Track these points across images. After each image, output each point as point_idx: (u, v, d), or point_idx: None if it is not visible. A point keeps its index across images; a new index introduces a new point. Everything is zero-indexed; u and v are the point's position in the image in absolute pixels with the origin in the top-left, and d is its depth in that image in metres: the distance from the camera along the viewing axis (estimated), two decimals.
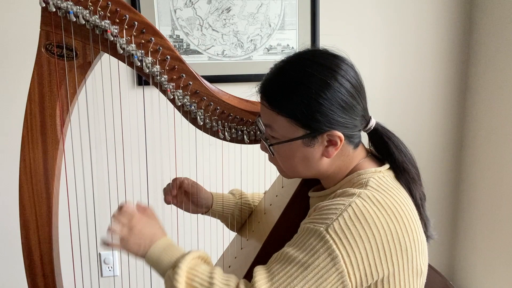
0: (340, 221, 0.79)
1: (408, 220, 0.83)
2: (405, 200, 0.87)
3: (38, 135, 0.96)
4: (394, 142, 0.94)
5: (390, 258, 0.80)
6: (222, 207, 1.23)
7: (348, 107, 0.85)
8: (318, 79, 0.84)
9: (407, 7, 2.09)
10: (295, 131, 0.87)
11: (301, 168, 0.92)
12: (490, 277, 2.13)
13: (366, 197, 0.82)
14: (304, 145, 0.88)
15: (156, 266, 0.91)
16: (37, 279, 1.03)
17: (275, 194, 1.18)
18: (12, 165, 1.16)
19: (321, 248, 0.78)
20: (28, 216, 0.99)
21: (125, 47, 0.94)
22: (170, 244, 0.93)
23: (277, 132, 0.89)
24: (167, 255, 0.90)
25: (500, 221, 2.03)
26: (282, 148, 0.90)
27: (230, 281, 0.83)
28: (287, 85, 0.86)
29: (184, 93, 0.99)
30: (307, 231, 0.82)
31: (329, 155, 0.88)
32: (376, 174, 0.89)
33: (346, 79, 0.85)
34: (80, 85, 0.96)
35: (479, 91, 2.13)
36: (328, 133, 0.86)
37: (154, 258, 0.90)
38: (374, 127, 0.93)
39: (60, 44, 0.93)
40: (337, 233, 0.78)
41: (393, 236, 0.80)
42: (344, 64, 0.87)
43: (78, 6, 0.91)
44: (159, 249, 0.91)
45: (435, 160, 2.23)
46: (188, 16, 1.95)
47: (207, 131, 1.04)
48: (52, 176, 0.98)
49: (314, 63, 0.86)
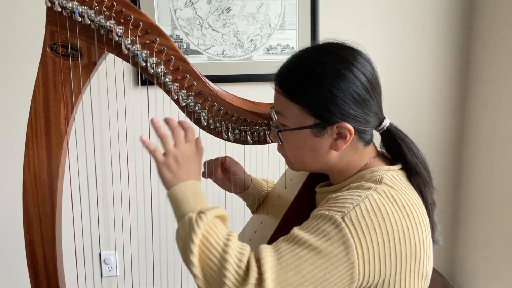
0: (357, 211, 0.78)
1: (420, 221, 0.83)
2: (418, 201, 0.87)
3: (42, 135, 0.96)
4: (407, 143, 0.93)
5: (400, 256, 0.80)
6: (254, 191, 1.24)
7: (361, 101, 0.85)
8: (333, 69, 0.83)
9: (407, 7, 2.10)
10: (305, 119, 0.86)
11: (309, 159, 0.91)
12: (490, 277, 2.14)
13: (382, 192, 0.82)
14: (313, 135, 0.87)
15: (178, 203, 0.86)
16: (40, 278, 1.03)
17: (278, 195, 1.18)
18: (16, 164, 1.16)
19: (336, 235, 0.77)
20: (31, 215, 0.99)
21: (130, 48, 0.94)
22: (200, 191, 0.90)
23: (288, 119, 0.88)
24: (195, 198, 0.87)
25: (500, 221, 2.04)
26: (291, 136, 0.89)
27: (245, 250, 0.80)
28: (301, 73, 0.86)
29: (188, 93, 0.99)
30: (322, 217, 0.80)
31: (338, 148, 0.87)
32: (390, 172, 0.89)
33: (361, 72, 0.85)
34: (85, 85, 0.97)
35: (479, 91, 2.15)
36: (338, 125, 0.85)
37: (180, 194, 0.87)
38: (388, 127, 0.92)
39: (65, 44, 0.93)
40: (353, 223, 0.77)
41: (404, 235, 0.80)
42: (361, 58, 0.87)
43: (83, 6, 0.91)
44: (190, 188, 0.88)
45: (435, 160, 2.24)
46: (188, 16, 1.96)
47: (210, 131, 1.04)
48: (56, 175, 0.98)
49: (331, 53, 0.86)
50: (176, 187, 0.87)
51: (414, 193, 0.89)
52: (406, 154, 0.91)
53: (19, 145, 1.01)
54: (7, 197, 1.88)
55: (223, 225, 0.85)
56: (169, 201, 0.88)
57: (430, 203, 0.92)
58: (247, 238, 1.15)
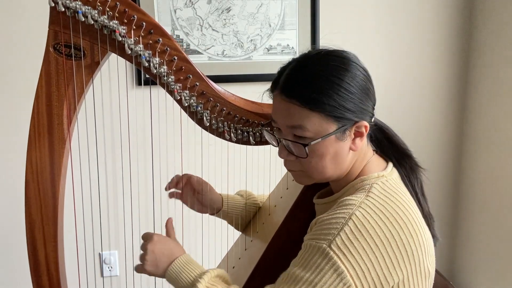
0: (342, 236, 0.79)
1: (412, 223, 0.83)
2: (408, 203, 0.87)
3: (45, 134, 0.96)
4: (391, 132, 0.98)
5: (398, 265, 0.81)
6: (228, 209, 1.23)
7: (369, 94, 0.88)
8: (341, 69, 0.85)
9: (407, 7, 2.11)
10: (329, 126, 0.85)
11: (330, 166, 0.89)
12: (490, 277, 2.15)
13: (366, 207, 0.82)
14: (337, 140, 0.87)
15: (175, 284, 0.93)
16: (42, 278, 1.03)
17: (279, 196, 1.18)
18: (18, 164, 1.15)
19: (326, 265, 0.79)
20: (34, 215, 0.99)
21: (133, 48, 0.94)
22: (189, 260, 0.95)
23: (310, 131, 0.85)
24: (186, 272, 0.92)
25: (500, 221, 2.05)
26: (315, 147, 0.87)
27: None
28: (315, 80, 0.85)
29: (191, 94, 1.00)
30: (310, 248, 0.82)
31: (356, 147, 0.89)
32: (380, 179, 0.89)
33: (361, 67, 0.88)
34: (88, 85, 0.97)
35: (479, 91, 2.15)
36: (357, 124, 0.87)
37: (173, 276, 0.93)
38: (374, 120, 0.94)
39: (68, 44, 0.93)
40: (340, 249, 0.78)
41: (397, 243, 0.80)
42: (352, 56, 0.90)
43: (86, 6, 0.91)
44: (178, 266, 0.93)
45: (435, 160, 2.25)
46: (188, 16, 1.96)
47: (213, 132, 1.04)
48: (58, 175, 0.98)
49: (334, 57, 0.87)
50: (167, 272, 0.94)
51: (405, 194, 0.90)
52: (395, 142, 0.97)
53: (22, 145, 1.00)
54: (9, 197, 1.88)
55: (222, 284, 0.90)
56: None
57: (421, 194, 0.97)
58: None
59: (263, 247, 1.05)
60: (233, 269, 1.14)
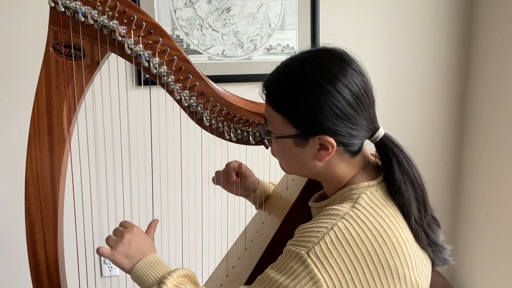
0: (322, 244, 0.78)
1: (396, 239, 0.81)
2: (393, 218, 0.84)
3: (45, 134, 0.97)
4: (399, 159, 0.87)
5: (378, 278, 0.79)
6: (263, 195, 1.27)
7: (344, 116, 0.82)
8: (314, 81, 0.81)
9: (407, 7, 2.10)
10: (287, 129, 0.86)
11: (295, 166, 0.92)
12: (490, 277, 2.15)
13: (350, 218, 0.80)
14: (295, 145, 0.86)
15: (141, 281, 0.92)
16: (42, 278, 1.03)
17: (279, 195, 1.18)
18: (18, 164, 1.16)
19: (302, 271, 0.78)
20: (33, 215, 0.99)
21: (132, 48, 0.94)
22: (158, 260, 0.94)
23: (273, 127, 0.89)
24: (153, 270, 0.92)
25: (500, 221, 2.05)
26: (276, 143, 0.91)
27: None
28: (284, 83, 0.86)
29: (190, 93, 1.00)
30: (289, 254, 0.81)
31: (321, 159, 0.86)
32: (369, 189, 0.86)
33: (346, 87, 0.81)
34: (87, 85, 0.97)
35: (479, 91, 2.15)
36: (319, 137, 0.83)
37: (140, 272, 0.92)
38: (381, 139, 0.88)
39: (68, 44, 0.93)
40: (318, 257, 0.77)
41: (379, 257, 0.79)
42: (350, 70, 0.83)
43: (86, 6, 0.91)
44: (147, 263, 0.93)
45: (435, 160, 2.24)
46: (188, 16, 1.95)
47: (213, 132, 1.04)
48: (58, 175, 0.98)
49: (316, 64, 0.83)
50: (134, 268, 0.93)
51: (392, 208, 0.86)
52: (395, 171, 0.86)
53: (22, 145, 1.00)
54: (9, 197, 1.88)
55: (190, 284, 0.90)
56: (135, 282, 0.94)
57: (418, 224, 0.87)
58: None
59: (263, 247, 1.05)
60: (233, 269, 1.14)
